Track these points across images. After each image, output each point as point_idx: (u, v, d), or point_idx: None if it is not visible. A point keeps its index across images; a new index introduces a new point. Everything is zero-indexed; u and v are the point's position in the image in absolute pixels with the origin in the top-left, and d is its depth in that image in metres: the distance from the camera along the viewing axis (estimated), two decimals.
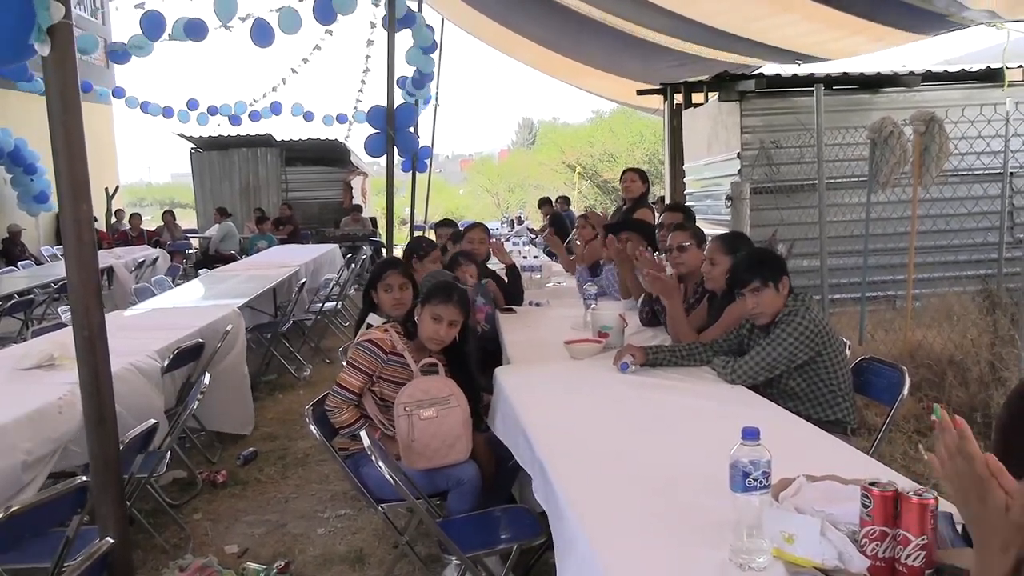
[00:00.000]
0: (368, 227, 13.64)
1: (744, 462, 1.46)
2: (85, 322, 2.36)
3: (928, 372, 4.71)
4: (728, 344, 3.04)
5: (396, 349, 2.95)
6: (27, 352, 3.80)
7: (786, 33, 6.73)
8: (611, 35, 8.44)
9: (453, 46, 20.32)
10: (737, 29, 7.05)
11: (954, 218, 6.18)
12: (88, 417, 2.44)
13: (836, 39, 6.55)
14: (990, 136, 5.66)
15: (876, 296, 6.43)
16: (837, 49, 6.81)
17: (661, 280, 3.36)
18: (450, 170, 45.35)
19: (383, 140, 6.63)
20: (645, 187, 5.87)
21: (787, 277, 2.86)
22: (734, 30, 7.07)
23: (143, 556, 3.31)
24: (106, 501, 2.46)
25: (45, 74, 2.21)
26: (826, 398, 2.81)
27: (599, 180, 22.51)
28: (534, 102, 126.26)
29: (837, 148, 6.39)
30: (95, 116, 12.44)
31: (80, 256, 2.33)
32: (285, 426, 5.09)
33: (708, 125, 7.94)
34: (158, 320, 4.97)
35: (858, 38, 6.34)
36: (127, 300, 7.74)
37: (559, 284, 5.68)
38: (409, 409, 2.78)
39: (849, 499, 1.54)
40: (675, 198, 9.30)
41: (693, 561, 1.53)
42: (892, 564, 1.41)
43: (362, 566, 3.22)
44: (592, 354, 3.27)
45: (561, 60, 10.58)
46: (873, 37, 6.28)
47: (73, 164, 2.26)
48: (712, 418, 2.45)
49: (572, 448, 2.23)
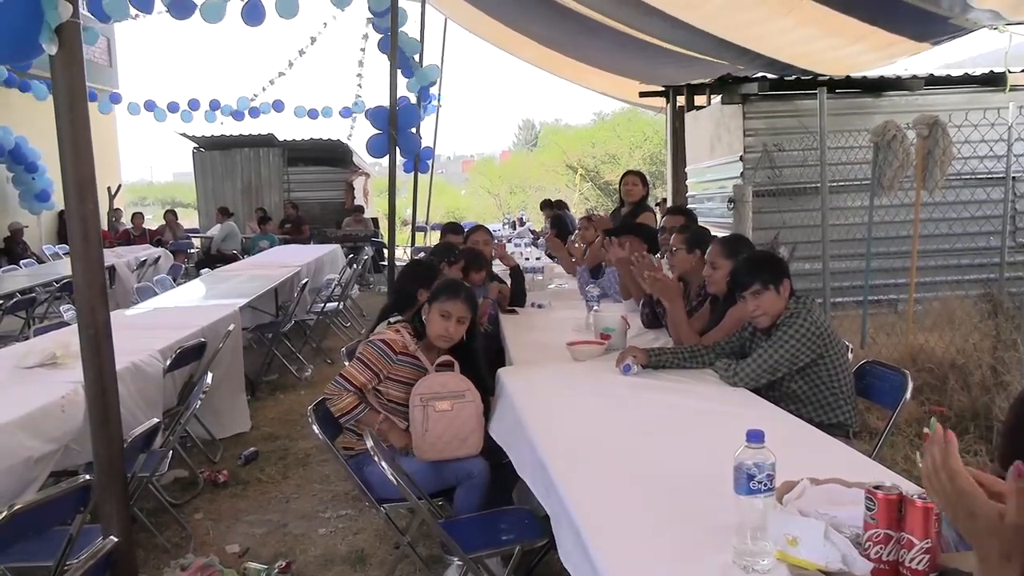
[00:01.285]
0: (370, 228, 13.65)
1: (749, 464, 1.47)
2: (90, 321, 2.37)
3: (930, 376, 4.71)
4: (730, 346, 3.04)
5: (408, 350, 2.96)
6: (29, 351, 3.80)
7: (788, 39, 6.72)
8: (613, 36, 8.44)
9: (455, 47, 20.35)
10: (736, 37, 7.03)
11: (956, 222, 6.18)
12: (93, 416, 2.45)
13: (835, 47, 6.54)
14: (993, 140, 5.66)
15: (878, 300, 6.43)
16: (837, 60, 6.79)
17: (662, 282, 3.36)
18: (452, 171, 45.35)
19: (385, 141, 6.64)
20: (645, 191, 5.87)
21: (788, 280, 2.86)
22: (732, 38, 7.05)
23: (145, 555, 3.31)
24: (110, 500, 2.47)
25: (53, 73, 2.21)
26: (828, 401, 2.81)
27: (601, 182, 22.52)
28: (536, 103, 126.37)
29: (840, 151, 6.39)
30: (97, 115, 12.44)
31: (86, 254, 2.34)
32: (286, 426, 5.09)
33: (710, 127, 7.94)
34: (160, 319, 4.97)
35: (860, 46, 6.33)
36: (129, 299, 7.74)
37: (561, 286, 5.68)
38: (425, 400, 2.79)
39: (853, 502, 1.54)
40: (677, 200, 9.30)
41: (696, 563, 1.53)
42: (896, 567, 1.41)
43: (363, 566, 3.22)
44: (594, 356, 3.27)
45: (563, 59, 10.58)
46: (875, 45, 6.27)
47: (79, 162, 2.26)
48: (714, 420, 2.45)
49: (575, 449, 2.22)
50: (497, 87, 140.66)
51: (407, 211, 14.24)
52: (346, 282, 8.02)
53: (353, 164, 15.34)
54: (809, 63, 7.08)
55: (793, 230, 6.62)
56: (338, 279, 7.87)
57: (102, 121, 14.35)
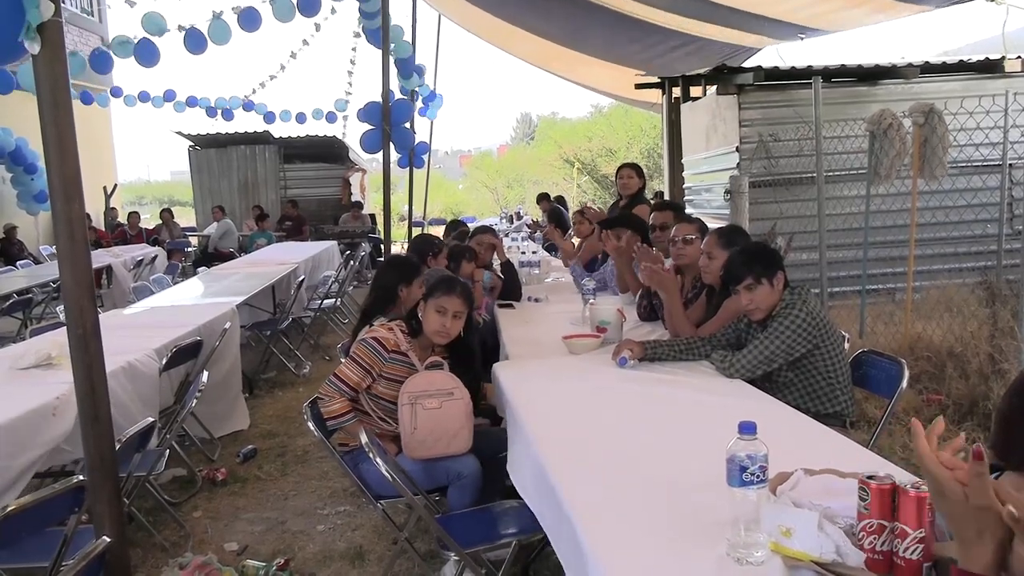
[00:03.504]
0: (367, 224, 13.64)
1: (741, 456, 1.46)
2: (79, 321, 2.35)
3: (928, 364, 4.71)
4: (726, 338, 3.03)
5: (400, 348, 2.95)
6: (25, 352, 3.79)
7: (786, 7, 6.68)
8: (608, 17, 8.36)
9: (451, 42, 20.32)
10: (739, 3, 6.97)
11: (953, 210, 6.16)
12: (83, 416, 2.44)
13: (837, 9, 6.47)
14: (989, 127, 5.64)
15: (876, 289, 6.42)
16: (840, 20, 6.72)
17: (658, 274, 3.35)
18: (449, 166, 45.32)
19: (379, 136, 6.61)
20: (642, 183, 5.85)
21: (782, 272, 2.85)
22: (733, 3, 6.98)
23: (143, 554, 3.31)
24: (102, 500, 2.45)
25: (36, 72, 2.19)
26: (824, 391, 2.81)
27: (598, 175, 22.49)
28: (533, 97, 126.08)
29: (836, 141, 6.37)
30: (92, 114, 12.40)
31: (73, 255, 2.32)
32: (284, 423, 5.09)
33: (706, 119, 7.91)
34: (157, 318, 4.96)
35: (860, 10, 6.27)
36: (126, 299, 7.74)
37: (558, 279, 5.67)
38: (413, 398, 2.79)
39: (847, 493, 1.53)
40: (674, 192, 9.28)
41: (690, 555, 1.52)
42: (890, 557, 1.40)
43: (361, 563, 3.21)
44: (590, 349, 3.26)
45: (558, 52, 10.51)
46: (876, 8, 6.21)
47: (65, 162, 2.24)
48: (710, 412, 2.44)
49: (570, 443, 2.22)
50: (494, 81, 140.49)
51: (404, 207, 14.21)
52: (343, 279, 8.01)
53: (349, 160, 15.32)
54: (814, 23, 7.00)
55: (790, 220, 6.61)
56: (335, 276, 7.86)
57: (97, 120, 14.33)
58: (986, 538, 1.11)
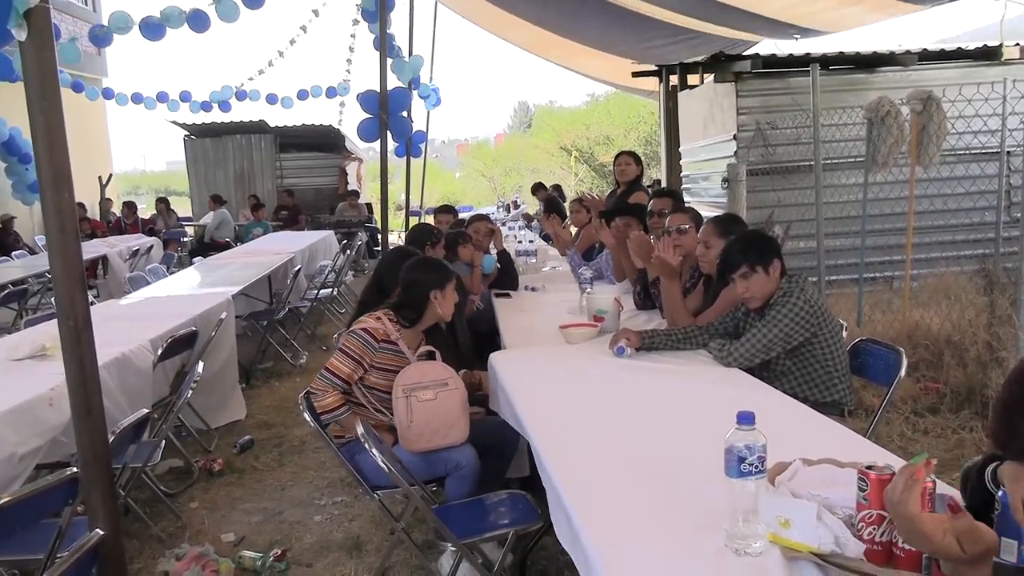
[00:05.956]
0: (364, 213, 13.59)
1: (739, 447, 1.45)
2: (70, 312, 2.32)
3: (926, 353, 4.71)
4: (724, 327, 3.02)
5: (389, 337, 2.93)
6: (19, 343, 3.78)
7: (781, 4, 6.64)
8: (606, 10, 8.33)
9: (448, 30, 20.20)
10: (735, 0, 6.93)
11: (951, 198, 6.14)
12: (75, 408, 2.41)
13: (834, 7, 6.44)
14: (987, 115, 5.62)
15: (874, 277, 6.41)
16: (834, 19, 6.69)
17: (664, 261, 3.28)
18: (446, 155, 45.14)
19: (376, 125, 6.58)
20: (639, 170, 5.82)
21: (779, 260, 2.83)
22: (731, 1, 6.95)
23: (139, 545, 3.30)
24: (96, 493, 2.44)
25: (23, 60, 2.16)
26: (822, 379, 2.80)
27: (595, 163, 22.41)
28: (530, 85, 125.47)
29: (834, 128, 6.33)
30: (87, 103, 12.30)
31: (63, 245, 2.29)
32: (281, 414, 5.08)
33: (704, 107, 7.87)
34: (152, 309, 4.94)
35: (855, 8, 6.24)
36: (122, 289, 7.71)
37: (555, 269, 5.65)
38: (408, 390, 2.77)
39: (846, 483, 1.52)
40: (671, 180, 9.25)
41: (688, 546, 1.51)
42: (889, 548, 1.40)
43: (359, 553, 3.21)
44: (588, 338, 3.25)
45: (555, 40, 10.46)
46: (872, 7, 6.18)
47: (54, 151, 2.21)
48: (708, 401, 2.43)
49: (568, 432, 2.21)
50: (491, 69, 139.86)
51: (401, 196, 14.16)
52: (340, 268, 7.98)
53: (346, 149, 15.24)
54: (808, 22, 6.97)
55: (788, 208, 6.58)
56: (332, 265, 7.83)
57: (92, 110, 14.22)
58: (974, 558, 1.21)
